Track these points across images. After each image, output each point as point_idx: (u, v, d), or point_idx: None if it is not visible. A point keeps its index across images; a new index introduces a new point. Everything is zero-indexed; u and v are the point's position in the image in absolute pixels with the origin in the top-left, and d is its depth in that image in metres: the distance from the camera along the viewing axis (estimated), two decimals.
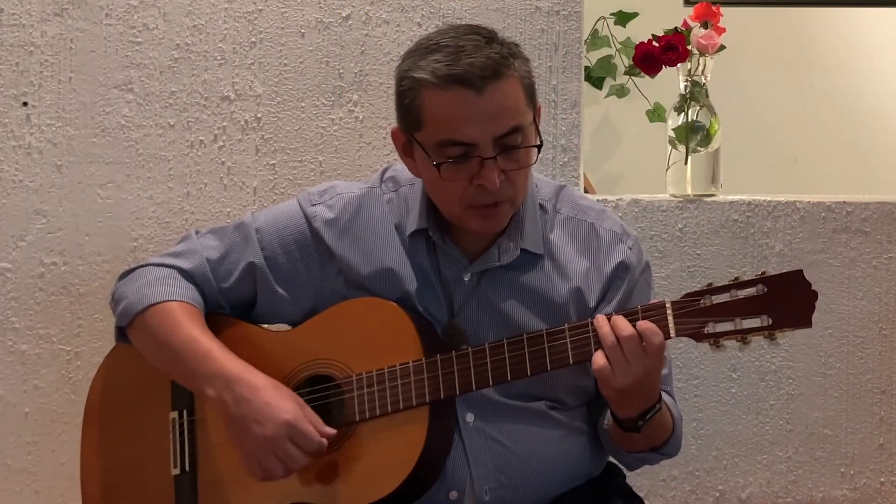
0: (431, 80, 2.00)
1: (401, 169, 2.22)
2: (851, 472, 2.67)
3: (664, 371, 2.08)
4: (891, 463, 2.68)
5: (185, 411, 2.22)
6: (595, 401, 2.21)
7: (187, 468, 2.21)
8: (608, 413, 2.13)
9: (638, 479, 2.58)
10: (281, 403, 2.06)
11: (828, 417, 2.67)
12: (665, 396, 2.12)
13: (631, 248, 2.18)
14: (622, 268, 2.16)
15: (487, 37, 2.03)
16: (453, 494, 2.11)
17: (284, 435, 2.04)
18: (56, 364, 2.67)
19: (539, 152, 2.06)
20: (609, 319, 1.99)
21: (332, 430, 2.08)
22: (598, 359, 1.98)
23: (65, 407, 2.66)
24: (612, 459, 2.29)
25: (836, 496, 2.67)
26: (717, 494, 2.68)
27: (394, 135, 2.12)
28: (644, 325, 1.97)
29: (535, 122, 2.07)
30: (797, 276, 1.97)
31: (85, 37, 2.64)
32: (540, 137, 2.07)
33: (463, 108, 1.99)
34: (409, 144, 2.08)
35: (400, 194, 2.20)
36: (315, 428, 2.06)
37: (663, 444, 2.14)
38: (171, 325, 2.15)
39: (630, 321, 1.99)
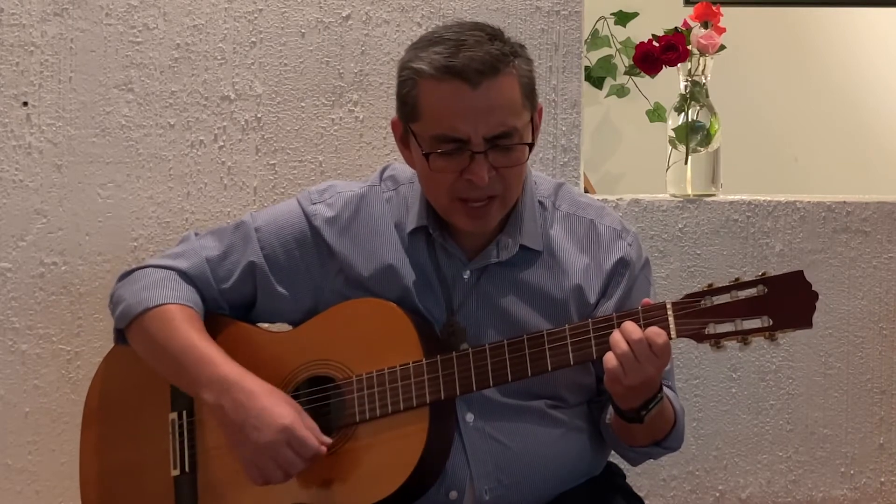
0: (429, 70, 2.00)
1: (400, 168, 2.23)
2: (852, 472, 2.68)
3: (666, 367, 2.09)
4: (891, 463, 2.68)
5: (184, 412, 2.22)
6: (596, 398, 2.21)
7: (187, 469, 2.21)
8: (610, 408, 2.13)
9: (638, 479, 2.58)
10: (278, 409, 2.06)
11: (828, 417, 2.67)
12: (666, 390, 2.12)
13: (630, 245, 2.18)
14: (622, 264, 2.17)
15: (491, 34, 2.03)
16: (453, 494, 2.11)
17: (282, 440, 2.04)
18: (56, 364, 2.67)
19: (530, 151, 2.06)
20: (618, 326, 2.00)
21: (328, 440, 2.08)
22: (611, 360, 1.98)
23: (65, 407, 2.66)
24: (612, 459, 2.29)
25: (836, 496, 2.67)
26: (717, 494, 2.68)
27: (393, 124, 2.12)
28: (648, 330, 1.98)
29: (534, 122, 2.07)
30: (798, 276, 1.97)
31: (85, 37, 2.64)
32: (533, 138, 2.07)
33: (457, 101, 1.99)
34: (406, 135, 2.09)
35: (399, 193, 2.20)
36: (314, 431, 2.06)
37: (665, 437, 2.15)
38: (169, 329, 2.15)
39: (636, 321, 1.99)
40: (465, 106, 1.99)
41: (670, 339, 1.99)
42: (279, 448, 2.04)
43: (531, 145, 2.06)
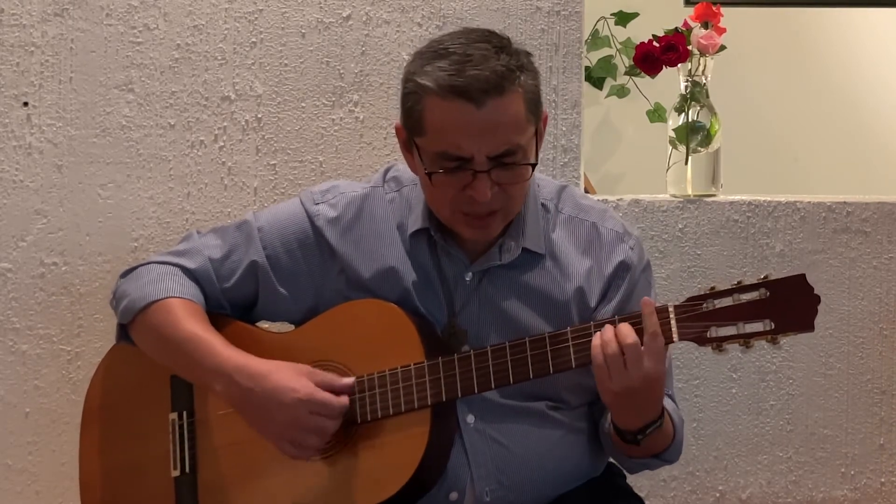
0: (433, 88, 1.99)
1: (403, 169, 2.22)
2: (852, 473, 2.68)
3: (650, 373, 2.05)
4: (891, 463, 2.68)
5: (184, 412, 2.22)
6: (597, 399, 2.20)
7: (187, 470, 2.21)
8: (609, 416, 2.12)
9: (638, 480, 2.58)
10: (288, 383, 2.06)
11: (828, 418, 2.67)
12: (667, 402, 2.11)
13: (632, 248, 2.18)
14: (623, 267, 2.17)
15: (498, 46, 2.02)
16: (454, 495, 2.10)
17: (304, 411, 2.04)
18: (56, 364, 2.67)
19: (533, 170, 2.05)
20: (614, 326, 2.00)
21: (349, 381, 2.08)
22: (597, 358, 1.99)
23: (65, 407, 2.66)
24: (612, 460, 2.29)
25: (836, 496, 2.67)
26: (718, 495, 2.68)
27: (397, 130, 2.12)
28: (650, 325, 1.98)
29: (538, 133, 2.06)
30: (800, 280, 1.97)
31: (85, 37, 2.64)
32: (537, 154, 2.06)
33: (461, 121, 1.98)
34: (410, 143, 2.09)
35: (402, 194, 2.20)
36: (332, 386, 2.06)
37: (664, 451, 2.15)
38: (173, 322, 2.15)
39: (633, 324, 1.99)
40: (469, 125, 1.98)
41: (672, 342, 1.99)
42: (304, 419, 2.04)
43: (534, 165, 2.05)
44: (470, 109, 1.97)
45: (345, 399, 2.07)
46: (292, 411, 2.05)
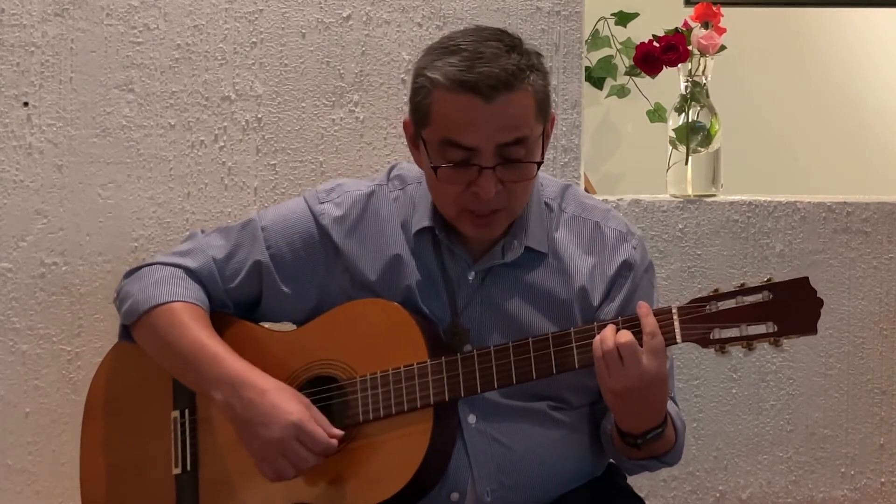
0: (443, 82, 1.99)
1: (407, 167, 2.23)
2: (852, 473, 2.68)
3: (648, 371, 2.04)
4: (891, 463, 2.68)
5: (186, 410, 2.22)
6: (599, 399, 2.20)
7: (188, 467, 2.21)
8: (612, 417, 2.12)
9: (638, 480, 2.57)
10: (286, 405, 2.06)
11: (828, 418, 2.67)
12: (670, 406, 2.11)
13: (635, 248, 2.18)
14: (626, 267, 2.17)
15: (510, 45, 2.02)
16: (454, 496, 2.10)
17: (291, 436, 2.05)
18: (56, 364, 2.67)
19: (539, 168, 2.06)
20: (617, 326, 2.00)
21: (339, 431, 2.08)
22: (596, 352, 1.99)
23: (65, 407, 2.66)
24: (612, 460, 2.30)
25: (836, 496, 2.67)
26: (718, 495, 2.68)
27: (405, 125, 2.12)
28: (648, 325, 1.98)
29: (545, 133, 2.07)
30: (803, 283, 1.97)
31: (86, 37, 2.64)
32: (543, 155, 2.06)
33: (469, 114, 1.99)
34: (417, 137, 2.09)
35: (406, 192, 2.20)
36: (323, 424, 2.06)
37: (665, 454, 2.15)
38: (177, 327, 2.15)
39: (633, 327, 1.99)
40: (478, 118, 1.98)
41: (675, 343, 1.99)
42: (289, 444, 2.05)
43: (540, 163, 2.05)
44: (478, 103, 1.98)
45: (334, 442, 2.07)
46: (281, 432, 2.05)
